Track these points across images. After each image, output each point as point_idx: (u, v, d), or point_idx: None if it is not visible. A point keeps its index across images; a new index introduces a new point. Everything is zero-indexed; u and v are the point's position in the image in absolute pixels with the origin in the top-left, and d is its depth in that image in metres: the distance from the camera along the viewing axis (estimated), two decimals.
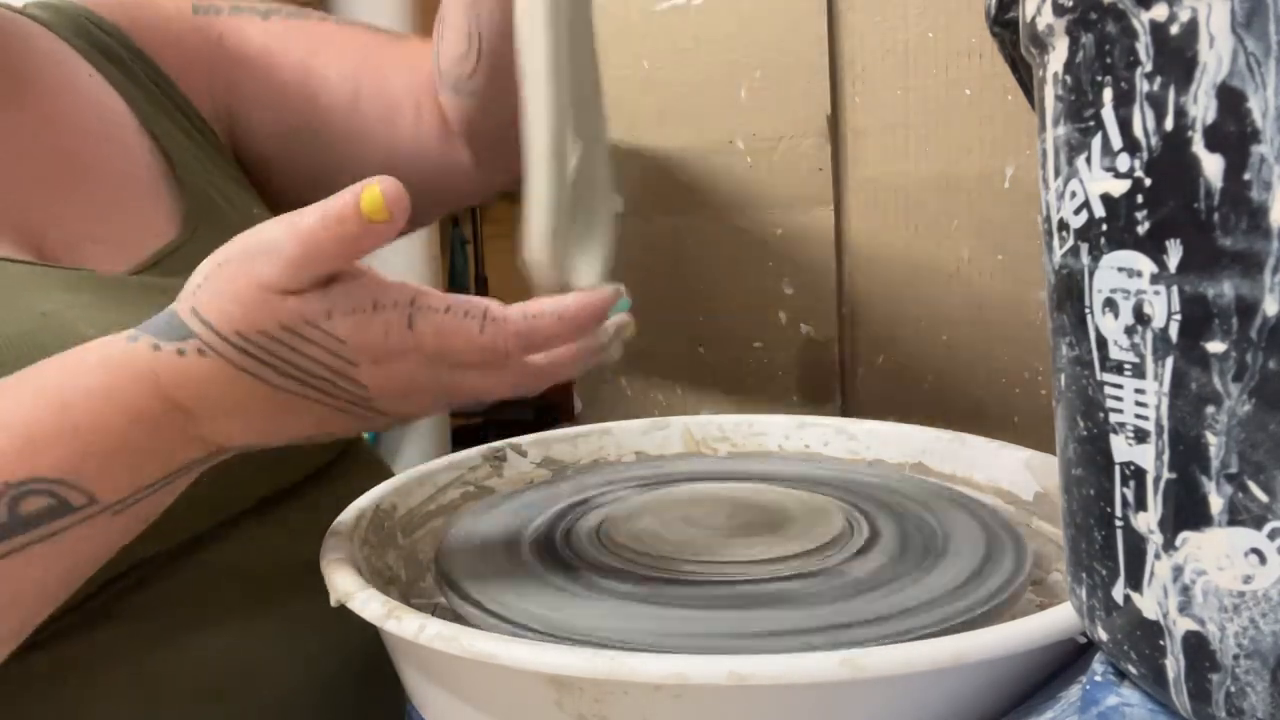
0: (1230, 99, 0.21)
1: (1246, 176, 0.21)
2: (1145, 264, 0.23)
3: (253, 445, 0.38)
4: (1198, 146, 0.22)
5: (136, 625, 0.44)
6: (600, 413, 0.86)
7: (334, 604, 0.37)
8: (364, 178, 0.34)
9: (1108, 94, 0.24)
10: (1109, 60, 0.24)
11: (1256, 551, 0.22)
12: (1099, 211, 0.25)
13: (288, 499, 0.51)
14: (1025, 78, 0.33)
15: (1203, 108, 0.21)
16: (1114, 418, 0.25)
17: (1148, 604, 0.25)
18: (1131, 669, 0.26)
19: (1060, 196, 0.26)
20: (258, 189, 0.61)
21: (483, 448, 0.57)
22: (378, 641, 0.38)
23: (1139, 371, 0.24)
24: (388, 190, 0.33)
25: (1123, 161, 0.23)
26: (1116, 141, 0.24)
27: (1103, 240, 0.24)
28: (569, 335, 0.38)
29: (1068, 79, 0.25)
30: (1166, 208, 0.22)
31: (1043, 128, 0.28)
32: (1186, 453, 0.23)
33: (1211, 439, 0.22)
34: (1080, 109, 0.25)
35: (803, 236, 0.74)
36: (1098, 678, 0.28)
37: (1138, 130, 0.23)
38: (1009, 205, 0.65)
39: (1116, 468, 0.25)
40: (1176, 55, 0.22)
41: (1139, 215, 0.23)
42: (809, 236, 0.74)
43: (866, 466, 0.56)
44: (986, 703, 0.31)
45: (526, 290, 0.42)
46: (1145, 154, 0.23)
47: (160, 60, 0.58)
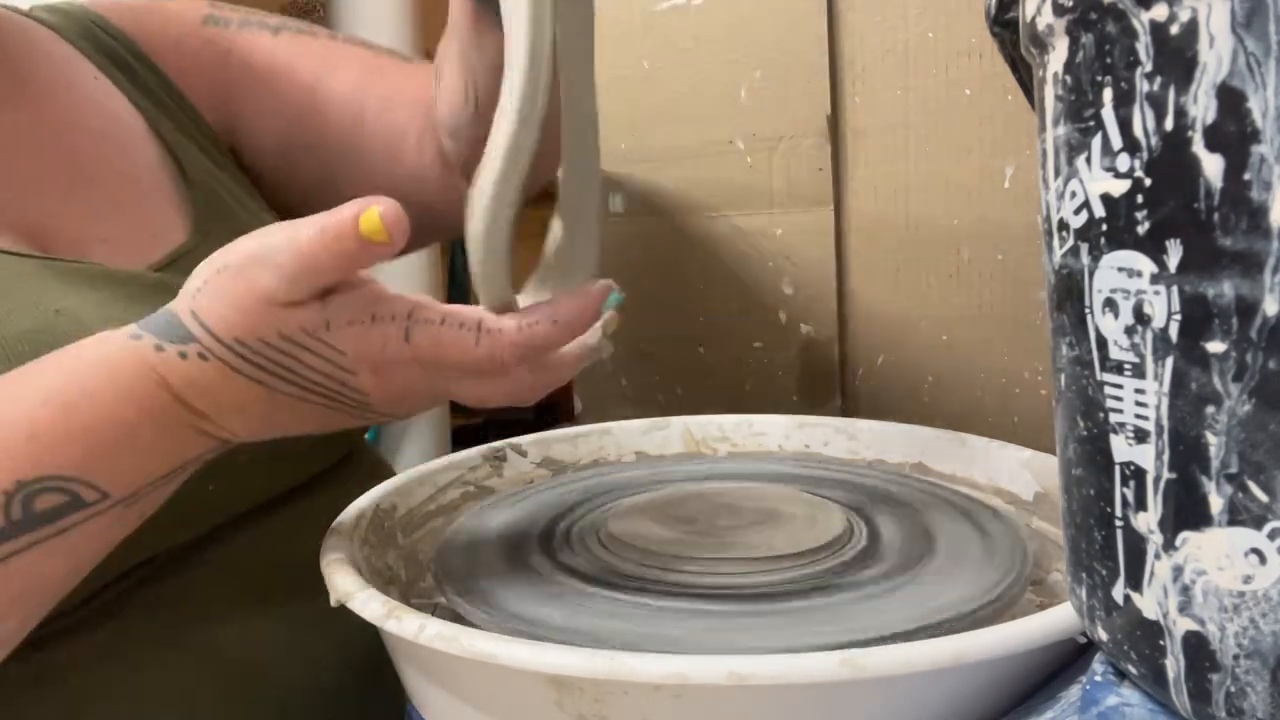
0: (1230, 99, 0.21)
1: (1246, 176, 0.21)
2: (1145, 264, 0.23)
3: (257, 438, 0.39)
4: (1198, 146, 0.22)
5: (137, 625, 0.44)
6: (600, 413, 0.86)
7: (334, 604, 0.37)
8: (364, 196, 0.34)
9: (1108, 94, 0.24)
10: (1109, 60, 0.24)
11: (1256, 551, 0.22)
12: (1099, 211, 0.25)
13: (289, 500, 0.52)
14: (1025, 78, 0.33)
15: (1203, 108, 0.21)
16: (1114, 418, 0.25)
17: (1148, 604, 0.25)
18: (1131, 669, 0.26)
19: (1060, 196, 0.26)
20: None
21: (483, 448, 0.57)
22: (378, 641, 0.38)
23: (1139, 371, 0.24)
24: (387, 213, 0.33)
25: (1123, 161, 0.23)
26: (1116, 141, 0.24)
27: (1103, 240, 0.24)
28: (566, 338, 0.38)
29: (1068, 79, 0.25)
30: (1166, 208, 0.22)
31: (1043, 128, 0.28)
32: (1186, 453, 0.23)
33: (1211, 439, 0.22)
34: (1080, 109, 0.25)
35: (803, 236, 0.74)
36: (1098, 678, 0.28)
37: (1138, 130, 0.23)
38: (1009, 205, 0.65)
39: (1116, 468, 0.25)
40: (1176, 55, 0.22)
41: (1139, 215, 0.23)
42: (809, 236, 0.74)
43: (866, 466, 0.56)
44: (986, 703, 0.31)
45: None
46: (1145, 154, 0.23)
47: (165, 67, 0.58)
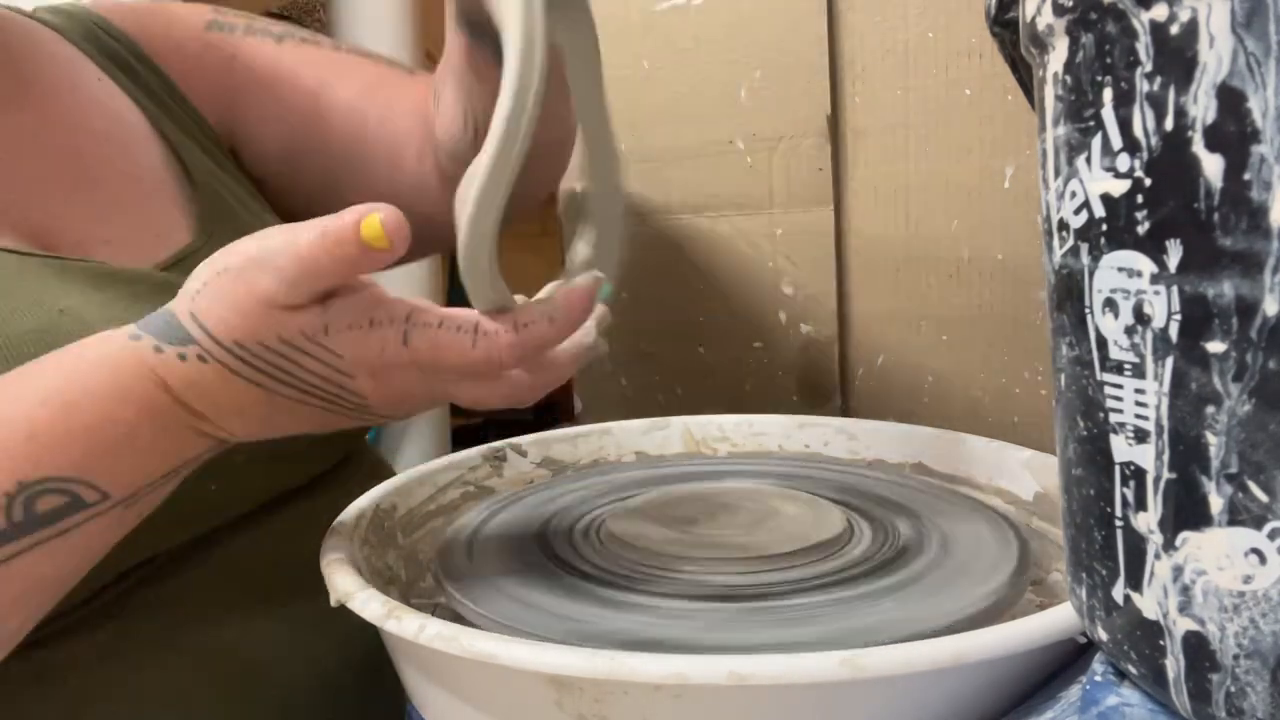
0: (1230, 99, 0.21)
1: (1246, 176, 0.21)
2: (1145, 264, 0.23)
3: (256, 438, 0.39)
4: (1198, 146, 0.22)
5: (137, 625, 0.44)
6: (600, 413, 0.86)
7: (334, 604, 0.37)
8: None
9: (1108, 94, 0.24)
10: (1109, 60, 0.24)
11: (1256, 551, 0.22)
12: (1099, 211, 0.25)
13: (289, 501, 0.52)
14: (1025, 78, 0.33)
15: (1203, 108, 0.21)
16: (1114, 418, 0.25)
17: (1148, 604, 0.25)
18: (1131, 669, 0.26)
19: (1060, 196, 0.26)
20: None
21: (483, 448, 0.57)
22: (378, 641, 0.38)
23: (1139, 371, 0.24)
24: (388, 220, 0.33)
25: (1123, 161, 0.23)
26: (1116, 141, 0.24)
27: (1103, 240, 0.24)
28: (562, 335, 0.38)
29: (1068, 79, 0.25)
30: (1166, 208, 0.22)
31: (1043, 128, 0.28)
32: (1186, 453, 0.23)
33: (1211, 439, 0.22)
34: (1080, 109, 0.25)
35: (803, 236, 0.74)
36: (1098, 678, 0.28)
37: (1138, 130, 0.23)
38: (1009, 205, 0.65)
39: (1116, 468, 0.25)
40: (1176, 55, 0.22)
41: (1139, 215, 0.23)
42: (809, 236, 0.74)
43: (866, 466, 0.56)
44: (986, 703, 0.31)
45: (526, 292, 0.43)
46: (1145, 154, 0.23)
47: (168, 69, 0.58)
